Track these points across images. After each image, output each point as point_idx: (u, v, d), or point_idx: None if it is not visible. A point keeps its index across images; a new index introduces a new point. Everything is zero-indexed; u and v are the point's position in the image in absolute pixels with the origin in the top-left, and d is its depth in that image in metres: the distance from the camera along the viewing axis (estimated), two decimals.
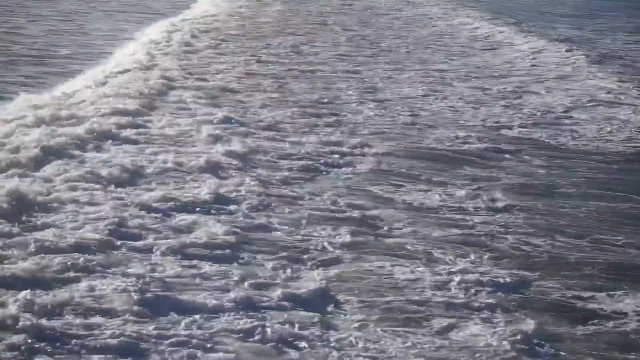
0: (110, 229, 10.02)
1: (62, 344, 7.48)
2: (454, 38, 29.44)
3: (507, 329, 8.31)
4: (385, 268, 9.64)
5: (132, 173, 12.22)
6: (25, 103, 15.71)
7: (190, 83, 19.04)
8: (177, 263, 9.29)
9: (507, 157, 14.73)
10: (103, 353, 7.42)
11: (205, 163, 12.93)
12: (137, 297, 8.33)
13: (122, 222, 10.28)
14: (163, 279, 8.85)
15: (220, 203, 11.29)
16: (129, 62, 20.86)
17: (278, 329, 7.98)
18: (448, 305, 8.78)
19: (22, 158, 12.38)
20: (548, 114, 18.28)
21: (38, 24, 27.21)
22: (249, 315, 8.20)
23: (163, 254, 9.50)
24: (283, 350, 7.70)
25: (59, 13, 30.17)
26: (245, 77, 20.23)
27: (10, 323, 7.69)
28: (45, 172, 12.00)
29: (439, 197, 12.26)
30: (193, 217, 10.70)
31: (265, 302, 8.51)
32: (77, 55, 22.24)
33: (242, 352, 7.60)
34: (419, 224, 11.08)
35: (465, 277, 9.45)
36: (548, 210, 11.97)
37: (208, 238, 10.02)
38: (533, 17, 36.61)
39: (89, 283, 8.60)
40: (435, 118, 17.33)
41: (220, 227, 10.37)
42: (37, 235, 9.67)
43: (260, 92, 18.61)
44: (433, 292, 9.08)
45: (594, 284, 9.62)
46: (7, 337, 7.47)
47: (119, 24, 28.07)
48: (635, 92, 21.04)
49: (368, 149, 14.53)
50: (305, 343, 7.83)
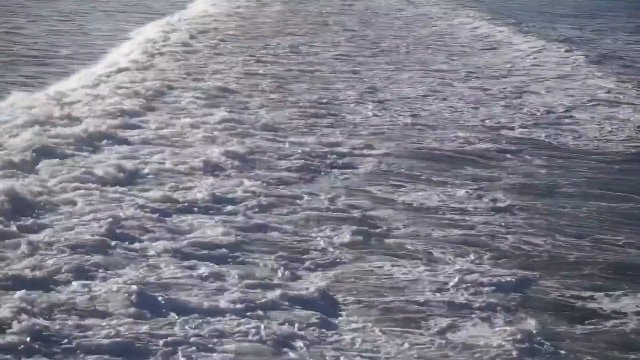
0: (107, 230, 9.98)
1: (58, 345, 7.46)
2: (454, 38, 29.42)
3: (507, 329, 8.30)
4: (385, 268, 9.63)
5: (129, 174, 12.17)
6: (19, 103, 15.57)
7: (188, 83, 18.95)
8: (174, 264, 9.26)
9: (507, 157, 14.71)
10: (100, 354, 7.40)
11: (204, 163, 12.89)
12: (134, 298, 8.31)
13: (118, 222, 10.25)
14: (161, 280, 8.83)
15: (219, 203, 11.27)
16: (125, 61, 20.76)
17: (277, 330, 7.97)
18: (448, 305, 8.77)
19: (16, 158, 12.29)
20: (548, 114, 18.26)
21: (38, 24, 27.19)
22: (248, 316, 8.19)
23: (160, 255, 9.47)
24: (282, 351, 7.69)
25: (59, 13, 30.15)
26: (244, 77, 20.14)
27: (5, 324, 7.65)
28: (40, 172, 11.94)
29: (440, 197, 12.24)
30: (191, 217, 10.69)
31: (265, 302, 8.49)
32: (77, 56, 22.19)
33: (241, 352, 7.59)
34: (419, 224, 11.07)
35: (466, 277, 9.45)
36: (548, 210, 11.96)
37: (207, 238, 10.01)
38: (533, 17, 36.59)
39: (85, 284, 8.58)
40: (436, 118, 17.31)
41: (219, 227, 10.35)
42: (32, 236, 9.64)
43: (259, 92, 18.56)
44: (433, 292, 9.07)
45: (594, 284, 9.61)
46: (2, 338, 7.45)
47: (120, 24, 28.03)
48: (635, 92, 21.01)
49: (368, 150, 14.50)
50: (305, 343, 7.82)
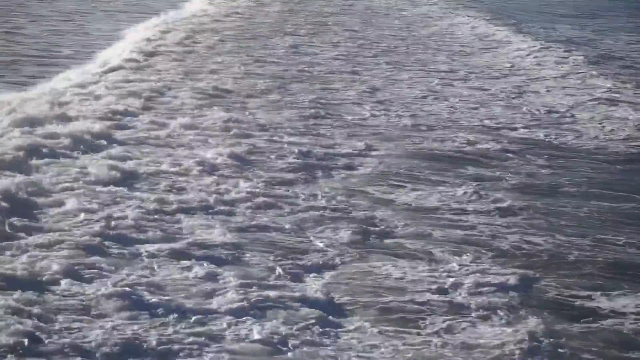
0: (103, 230, 9.94)
1: (52, 346, 7.45)
2: (454, 38, 29.42)
3: (508, 328, 8.33)
4: (385, 268, 9.65)
5: (125, 174, 12.10)
6: (14, 101, 15.44)
7: (186, 83, 18.88)
8: (171, 264, 9.24)
9: (508, 157, 14.72)
10: (96, 355, 7.39)
11: (202, 164, 12.84)
12: (129, 299, 8.31)
13: (114, 223, 10.20)
14: (157, 281, 8.81)
15: (217, 204, 11.23)
16: (121, 61, 20.64)
17: (276, 330, 7.98)
18: (448, 305, 8.80)
19: (8, 158, 12.19)
20: (548, 114, 18.28)
21: (39, 24, 27.17)
22: (246, 316, 8.20)
23: (157, 256, 9.43)
24: (282, 351, 7.71)
25: (60, 13, 30.13)
26: (243, 77, 20.07)
27: (0, 325, 7.61)
28: (35, 172, 11.85)
29: (440, 197, 12.26)
30: (189, 218, 10.65)
31: (264, 303, 8.49)
32: (78, 56, 22.14)
33: (239, 352, 7.61)
34: (419, 224, 11.08)
35: (466, 276, 9.49)
36: (549, 210, 11.99)
37: (204, 239, 9.98)
38: (533, 17, 36.60)
39: (81, 285, 8.56)
40: (436, 118, 17.31)
41: (217, 228, 10.35)
42: (26, 237, 9.61)
43: (258, 92, 18.51)
44: (433, 292, 9.10)
45: (595, 283, 9.65)
46: None
47: (121, 24, 27.97)
48: (636, 91, 21.04)
49: (367, 150, 14.49)
50: (305, 344, 7.84)
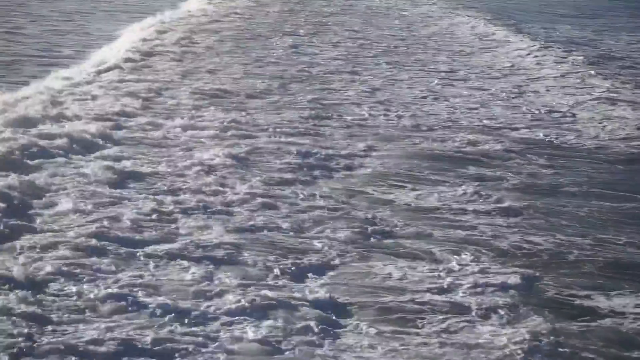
0: (101, 231, 9.91)
1: (49, 347, 7.44)
2: (454, 38, 29.43)
3: (509, 328, 8.36)
4: (386, 268, 9.67)
5: (123, 175, 12.07)
6: (8, 101, 15.33)
7: (184, 83, 18.82)
8: (170, 265, 9.23)
9: (508, 156, 14.74)
10: (94, 356, 7.40)
11: (201, 165, 12.82)
12: (127, 300, 8.32)
13: (112, 224, 10.18)
14: (156, 282, 8.80)
15: (217, 204, 11.22)
16: (118, 61, 20.51)
17: (276, 330, 8.00)
18: (448, 305, 8.82)
19: (3, 158, 12.12)
20: (549, 114, 18.31)
21: (40, 24, 27.16)
22: (247, 317, 8.21)
23: (155, 257, 9.41)
24: (282, 351, 7.71)
25: (61, 13, 30.12)
26: (242, 77, 20.03)
27: None
28: (31, 173, 11.77)
29: (441, 197, 12.27)
30: (188, 219, 10.64)
31: (264, 303, 8.49)
32: (79, 56, 22.12)
33: (240, 353, 7.63)
34: (420, 225, 11.10)
35: (467, 276, 9.52)
36: (550, 210, 12.01)
37: (204, 240, 9.97)
38: (533, 17, 36.63)
39: (78, 286, 8.54)
40: (436, 118, 17.32)
41: (217, 228, 10.35)
42: (23, 237, 9.59)
43: (258, 93, 18.47)
44: (434, 292, 9.12)
45: (595, 283, 9.69)
46: None
47: (122, 24, 27.96)
48: (636, 91, 21.08)
49: (367, 150, 14.50)
50: (305, 344, 7.86)
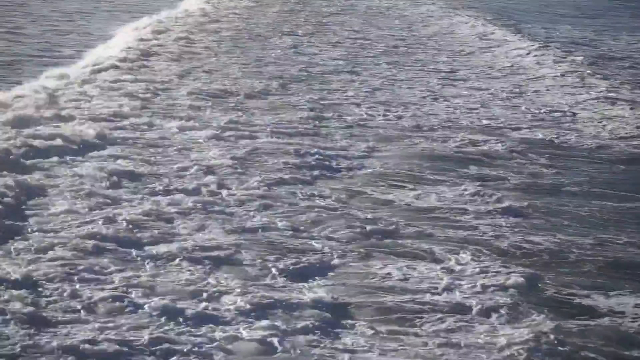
0: (100, 233, 9.89)
1: (48, 348, 7.43)
2: (454, 38, 29.45)
3: (510, 328, 8.38)
4: (387, 268, 9.67)
5: (121, 176, 12.02)
6: (4, 100, 15.25)
7: (183, 84, 18.77)
8: (169, 267, 9.21)
9: (509, 156, 14.76)
10: (93, 358, 7.39)
11: (200, 165, 12.79)
12: (127, 301, 8.32)
13: (111, 225, 10.15)
14: (156, 283, 8.79)
15: (216, 205, 11.19)
16: (114, 60, 20.39)
17: (276, 331, 7.99)
18: (449, 305, 8.83)
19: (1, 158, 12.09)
20: (549, 114, 18.33)
21: (41, 24, 27.15)
22: (246, 317, 8.22)
23: (155, 258, 9.39)
24: (282, 352, 7.71)
25: (62, 13, 30.12)
26: (242, 78, 19.97)
27: None
28: (28, 174, 11.71)
29: (441, 197, 12.28)
30: (187, 220, 10.62)
31: (264, 303, 8.50)
32: (80, 56, 22.06)
33: (239, 353, 7.63)
34: (421, 225, 11.11)
35: (467, 276, 9.54)
36: (551, 209, 12.03)
37: (204, 241, 9.96)
38: (533, 17, 36.65)
39: (77, 288, 8.53)
40: (436, 118, 17.33)
41: (216, 229, 10.34)
42: (20, 239, 9.57)
43: (257, 93, 18.43)
44: (434, 292, 9.13)
45: (596, 283, 9.71)
46: None
47: (123, 24, 27.95)
48: (636, 91, 21.11)
49: (368, 150, 14.50)
50: (305, 344, 7.86)
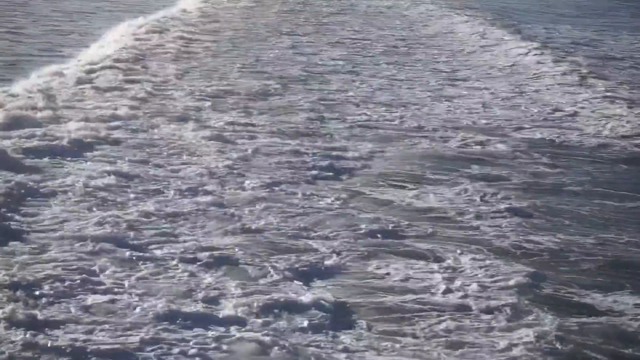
0: (98, 234, 9.87)
1: (47, 350, 7.41)
2: (455, 38, 29.47)
3: (511, 328, 8.39)
4: (387, 269, 9.68)
5: (119, 176, 11.99)
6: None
7: (182, 84, 18.74)
8: (169, 269, 9.21)
9: (510, 156, 14.77)
10: None
11: (199, 166, 12.78)
12: (127, 303, 8.32)
13: (110, 226, 10.15)
14: (156, 284, 8.79)
15: (216, 206, 11.19)
16: (112, 60, 20.30)
17: (276, 331, 8.00)
18: (450, 305, 8.83)
19: None
20: (550, 113, 18.35)
21: (42, 24, 27.16)
22: (246, 318, 8.22)
23: (155, 260, 9.39)
24: (282, 352, 7.70)
25: (63, 13, 30.10)
26: (241, 78, 19.95)
27: None
28: (25, 174, 11.69)
29: (442, 197, 12.28)
30: (187, 220, 10.61)
31: (263, 303, 8.50)
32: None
33: (239, 353, 7.64)
34: (422, 224, 11.11)
35: (469, 276, 9.55)
36: (552, 209, 12.05)
37: (204, 242, 9.97)
38: (533, 16, 36.67)
39: (75, 288, 8.53)
40: (437, 118, 17.34)
41: (217, 230, 10.36)
42: (17, 241, 9.56)
43: (257, 93, 18.40)
44: (435, 292, 9.14)
45: (598, 282, 9.72)
46: None
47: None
48: (637, 91, 21.13)
49: (368, 151, 14.49)
50: (305, 345, 7.87)
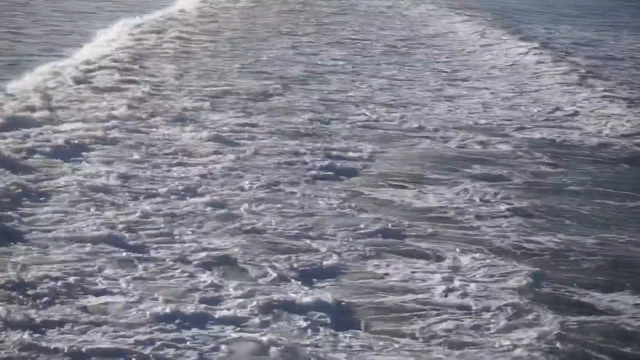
0: (97, 235, 9.87)
1: (46, 352, 7.42)
2: (455, 38, 29.47)
3: (512, 328, 8.42)
4: (388, 269, 9.70)
5: (118, 177, 11.97)
6: None
7: (181, 84, 18.71)
8: (170, 270, 9.21)
9: (511, 156, 14.79)
10: None
11: (199, 166, 12.80)
12: (127, 304, 8.33)
13: (109, 228, 10.14)
14: (156, 285, 8.81)
15: (216, 206, 11.18)
16: (110, 60, 20.24)
17: (276, 331, 8.02)
18: (451, 305, 8.86)
19: None
20: (551, 113, 18.37)
21: (42, 25, 27.14)
22: (246, 318, 8.24)
23: (155, 261, 9.39)
24: (282, 352, 7.71)
25: (63, 13, 30.07)
26: (241, 78, 19.94)
27: None
28: (22, 175, 11.66)
29: (443, 197, 12.31)
30: (186, 221, 10.61)
31: (263, 304, 8.51)
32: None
33: (239, 354, 7.66)
34: (423, 224, 11.13)
35: (470, 276, 9.59)
36: (554, 209, 12.07)
37: (204, 242, 9.98)
38: (533, 17, 36.65)
39: (74, 289, 8.54)
40: (437, 118, 17.34)
41: (217, 231, 10.36)
42: (16, 242, 9.55)
43: (256, 93, 18.39)
44: (436, 292, 9.16)
45: (599, 281, 9.75)
46: None
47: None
48: (636, 91, 21.14)
49: (369, 151, 14.50)
50: (305, 345, 7.89)
